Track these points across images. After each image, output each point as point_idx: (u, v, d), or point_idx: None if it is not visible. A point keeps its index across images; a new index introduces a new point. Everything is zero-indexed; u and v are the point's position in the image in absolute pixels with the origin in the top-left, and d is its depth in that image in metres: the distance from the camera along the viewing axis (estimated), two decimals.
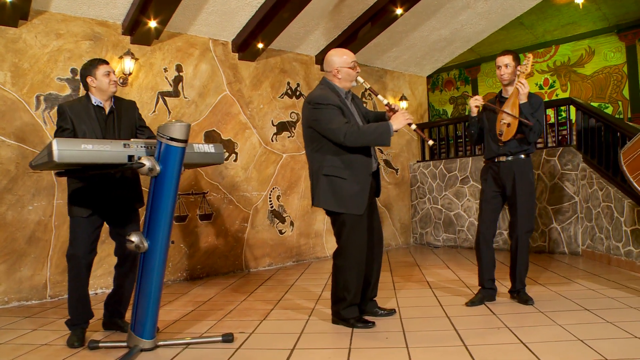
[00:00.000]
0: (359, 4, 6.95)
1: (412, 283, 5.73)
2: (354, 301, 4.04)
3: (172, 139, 3.39)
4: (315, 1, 6.51)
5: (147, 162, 3.37)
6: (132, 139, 3.59)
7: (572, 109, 7.51)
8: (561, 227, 7.28)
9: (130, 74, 6.20)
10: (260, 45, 6.95)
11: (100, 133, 3.81)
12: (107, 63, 3.97)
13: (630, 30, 10.42)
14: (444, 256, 7.66)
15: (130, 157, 3.43)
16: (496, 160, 4.55)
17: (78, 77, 5.80)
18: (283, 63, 7.71)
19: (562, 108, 7.94)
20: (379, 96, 4.07)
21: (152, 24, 6.03)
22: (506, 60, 4.47)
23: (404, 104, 9.23)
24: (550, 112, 8.04)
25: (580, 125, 7.12)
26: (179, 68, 6.69)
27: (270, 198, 7.42)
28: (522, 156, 4.51)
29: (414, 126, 3.94)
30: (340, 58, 4.10)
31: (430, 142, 4.17)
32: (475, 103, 4.47)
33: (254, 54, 7.19)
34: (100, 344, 3.71)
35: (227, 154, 7.02)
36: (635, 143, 4.05)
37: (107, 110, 3.94)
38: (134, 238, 3.48)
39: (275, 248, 7.42)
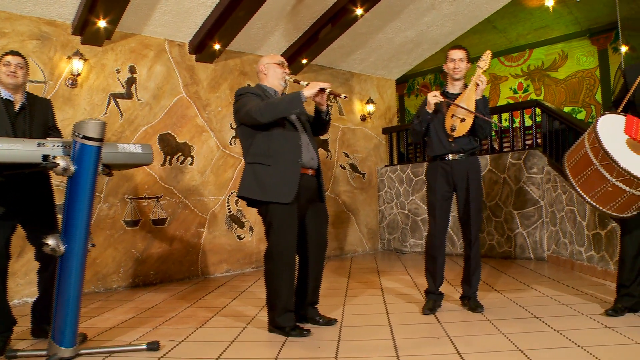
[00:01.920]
0: (317, 5, 6.80)
1: (366, 290, 5.57)
2: (288, 308, 3.85)
3: (86, 138, 3.22)
4: (272, 1, 6.37)
5: (61, 162, 3.20)
6: (48, 138, 3.41)
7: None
8: (527, 232, 7.16)
9: (78, 74, 6.02)
10: (217, 47, 6.79)
11: (11, 129, 3.63)
12: (16, 54, 3.77)
13: (601, 34, 10.36)
14: (408, 262, 7.50)
15: (46, 157, 3.25)
16: (447, 158, 4.38)
17: None
18: (243, 65, 7.54)
19: (538, 112, 7.77)
20: (302, 82, 3.89)
21: (102, 23, 5.85)
22: (460, 54, 4.39)
23: (370, 108, 9.09)
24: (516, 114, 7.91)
25: (545, 128, 7.01)
26: (132, 69, 6.51)
27: (228, 203, 7.23)
28: (472, 154, 4.43)
29: (328, 90, 3.75)
30: (267, 57, 4.09)
31: (343, 96, 3.90)
32: (434, 99, 4.28)
33: (211, 56, 7.03)
34: (19, 354, 3.51)
35: (182, 158, 6.84)
36: (577, 146, 3.89)
37: (17, 105, 3.73)
38: (50, 241, 3.30)
39: (234, 254, 7.23)
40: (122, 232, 6.30)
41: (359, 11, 6.70)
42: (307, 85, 3.77)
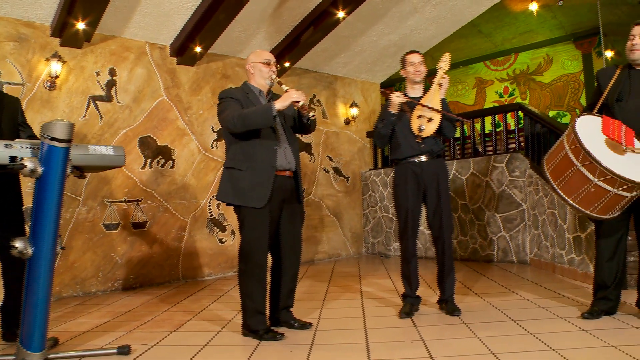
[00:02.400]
0: (299, 7, 6.77)
1: (345, 294, 5.54)
2: (259, 310, 3.83)
3: (54, 139, 3.16)
4: (253, 4, 6.34)
5: (28, 164, 3.15)
6: (16, 139, 3.37)
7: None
8: (509, 235, 7.15)
9: (57, 77, 5.97)
10: (198, 49, 6.74)
11: None
12: None
13: (586, 38, 10.42)
14: (391, 266, 7.47)
15: (13, 158, 3.21)
16: (417, 160, 4.36)
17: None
18: (225, 68, 7.51)
19: (521, 115, 7.78)
20: (283, 86, 3.88)
21: (81, 25, 5.80)
22: (420, 58, 4.44)
23: (354, 111, 9.08)
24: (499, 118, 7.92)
25: (527, 131, 7.02)
26: (112, 72, 6.46)
27: (209, 206, 7.19)
28: (440, 155, 4.46)
29: (301, 103, 3.73)
30: (254, 55, 4.07)
31: (311, 114, 3.89)
32: (399, 100, 4.26)
33: (192, 58, 6.99)
34: None
35: (163, 161, 6.79)
36: (557, 148, 3.86)
37: None
38: (18, 244, 3.24)
39: (215, 257, 7.18)
40: (101, 236, 6.24)
41: (340, 14, 6.68)
42: (286, 90, 3.79)
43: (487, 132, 8.99)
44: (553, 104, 10.86)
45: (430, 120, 4.24)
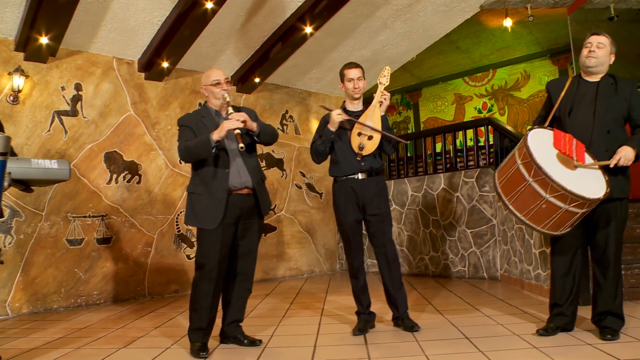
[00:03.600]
0: (266, 23, 6.77)
1: (306, 311, 5.48)
2: (201, 326, 3.84)
3: None
4: (220, 20, 6.34)
5: None
6: None
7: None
8: (480, 251, 7.12)
9: (19, 91, 5.94)
10: (166, 65, 6.73)
11: None
12: None
13: (562, 54, 10.47)
14: None
15: None
16: (356, 177, 4.31)
17: None
18: (194, 83, 7.48)
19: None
20: (230, 109, 3.86)
21: (44, 40, 5.80)
22: (359, 73, 4.35)
23: None
24: (470, 133, 7.93)
25: (497, 146, 7.02)
26: (78, 87, 6.44)
27: (177, 222, 7.14)
28: (380, 173, 4.40)
29: (237, 130, 3.72)
30: (205, 77, 4.06)
31: (241, 145, 3.85)
32: (339, 118, 4.21)
33: (160, 74, 6.97)
34: None
35: (129, 176, 6.75)
36: (508, 162, 3.81)
37: None
38: None
39: (182, 274, 7.11)
40: (64, 251, 6.18)
41: (308, 29, 6.68)
42: (229, 114, 3.81)
43: (459, 147, 8.98)
44: (531, 120, 10.87)
45: (370, 138, 4.20)
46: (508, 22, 9.02)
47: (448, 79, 12.29)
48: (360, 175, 4.30)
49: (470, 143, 8.82)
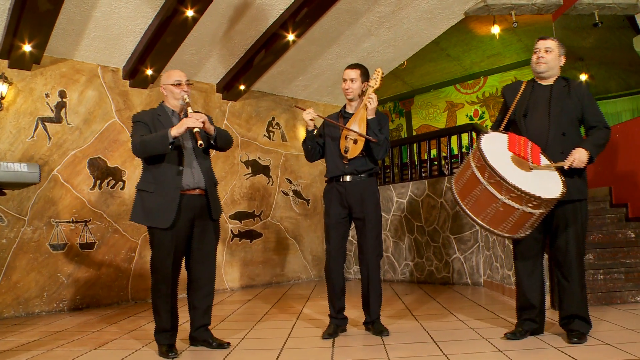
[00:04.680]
0: (250, 30, 6.84)
1: (282, 315, 5.52)
2: (164, 327, 3.91)
3: None
4: (202, 27, 6.42)
5: None
6: None
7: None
8: (464, 256, 7.15)
9: (3, 97, 6.02)
10: (150, 72, 6.81)
11: None
12: None
13: None
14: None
15: None
16: (342, 179, 4.32)
17: None
18: None
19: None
20: (189, 108, 3.89)
21: (27, 47, 5.88)
22: (352, 74, 4.32)
23: None
24: (454, 139, 7.97)
25: None
26: (62, 94, 6.52)
27: None
28: (368, 176, 4.34)
29: (197, 129, 3.75)
30: (166, 76, 4.07)
31: (199, 143, 3.76)
32: (308, 117, 4.24)
33: (145, 81, 7.05)
34: None
35: (113, 182, 6.82)
36: (464, 167, 3.81)
37: None
38: None
39: None
40: (47, 256, 6.24)
41: (291, 37, 6.73)
42: (190, 113, 3.83)
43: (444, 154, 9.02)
44: None
45: (355, 142, 4.19)
46: (496, 29, 9.09)
47: (440, 86, 12.35)
48: (347, 178, 4.31)
49: (456, 150, 8.86)
